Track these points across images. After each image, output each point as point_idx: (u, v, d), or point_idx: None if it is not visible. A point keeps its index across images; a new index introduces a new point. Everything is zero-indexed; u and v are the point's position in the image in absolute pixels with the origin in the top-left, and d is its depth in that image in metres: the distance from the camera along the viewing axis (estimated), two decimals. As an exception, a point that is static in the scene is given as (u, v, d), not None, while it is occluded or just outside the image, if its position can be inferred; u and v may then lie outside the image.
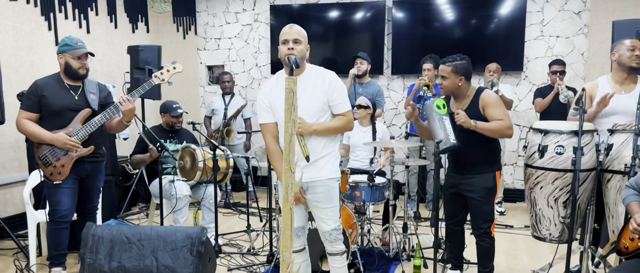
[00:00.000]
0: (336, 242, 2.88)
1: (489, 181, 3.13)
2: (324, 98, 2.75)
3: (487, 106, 3.04)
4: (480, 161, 3.13)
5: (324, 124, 2.78)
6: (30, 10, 4.83)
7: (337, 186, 2.85)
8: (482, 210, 3.15)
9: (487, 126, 3.00)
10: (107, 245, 3.24)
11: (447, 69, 3.10)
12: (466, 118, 2.98)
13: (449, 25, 6.06)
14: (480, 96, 3.09)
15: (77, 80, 3.35)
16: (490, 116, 3.03)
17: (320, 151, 2.79)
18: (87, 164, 3.39)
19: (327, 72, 2.82)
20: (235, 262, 3.91)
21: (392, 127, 6.38)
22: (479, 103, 3.07)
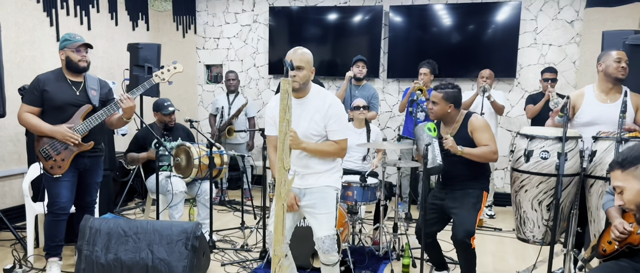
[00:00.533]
0: (330, 252, 2.87)
1: (474, 197, 3.23)
2: (322, 123, 2.82)
3: (475, 130, 3.20)
4: (468, 179, 3.25)
5: (315, 144, 2.84)
6: (33, 6, 4.91)
7: (334, 195, 2.88)
8: (464, 221, 3.15)
9: (472, 152, 3.14)
10: (104, 237, 3.33)
11: (438, 96, 3.25)
12: (453, 143, 3.14)
13: (445, 31, 6.16)
14: (469, 120, 3.24)
15: (78, 74, 3.43)
16: (478, 140, 3.18)
17: (319, 167, 2.89)
18: (86, 158, 3.47)
19: (329, 97, 2.87)
20: (229, 258, 4.01)
21: (386, 130, 6.49)
22: (467, 126, 3.22)
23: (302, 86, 2.79)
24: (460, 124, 3.27)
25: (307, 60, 2.80)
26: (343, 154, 2.93)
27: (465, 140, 3.18)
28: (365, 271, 3.76)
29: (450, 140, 3.14)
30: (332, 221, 2.87)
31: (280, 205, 2.43)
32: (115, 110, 3.41)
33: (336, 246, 2.90)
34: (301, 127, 2.84)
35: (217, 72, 7.21)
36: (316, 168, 2.90)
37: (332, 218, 2.88)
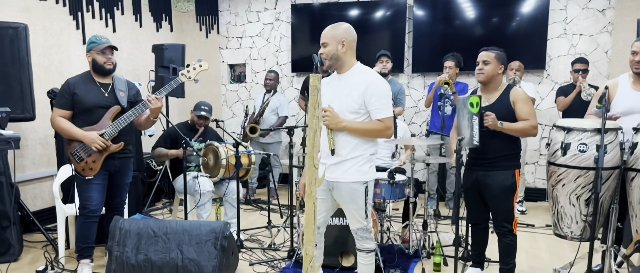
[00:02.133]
0: (363, 240, 2.90)
1: (508, 179, 3.15)
2: (360, 100, 2.73)
3: (517, 101, 3.11)
4: (501, 157, 3.15)
5: (356, 123, 2.75)
6: (59, 9, 4.96)
7: (362, 189, 2.79)
8: (502, 209, 3.19)
9: (513, 126, 3.05)
10: (134, 238, 3.34)
11: (491, 55, 3.15)
12: (495, 120, 3.03)
13: (470, 24, 6.04)
14: (511, 90, 3.16)
15: (105, 76, 3.44)
16: (519, 112, 3.08)
17: (348, 153, 2.77)
18: (116, 160, 3.48)
19: (371, 75, 2.79)
20: (257, 257, 3.98)
21: (412, 125, 6.39)
22: (509, 96, 3.13)
23: (333, 62, 2.78)
24: (501, 93, 3.17)
25: (332, 35, 2.76)
26: (389, 133, 2.79)
27: (505, 109, 3.09)
28: (395, 270, 3.69)
29: (491, 117, 3.03)
30: (360, 215, 2.83)
31: (311, 204, 2.38)
32: (143, 110, 3.41)
33: (371, 235, 2.90)
34: (335, 105, 2.78)
35: (240, 72, 7.20)
36: (348, 153, 2.76)
37: (360, 213, 2.83)
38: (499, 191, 3.16)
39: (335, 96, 2.80)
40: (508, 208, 3.19)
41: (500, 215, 3.21)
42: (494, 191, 3.17)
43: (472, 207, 3.40)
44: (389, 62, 5.26)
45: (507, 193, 3.16)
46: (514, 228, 3.23)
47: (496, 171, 3.16)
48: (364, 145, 2.78)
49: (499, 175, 3.16)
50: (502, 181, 3.15)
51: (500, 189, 3.15)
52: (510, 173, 3.17)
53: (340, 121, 2.72)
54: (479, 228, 3.45)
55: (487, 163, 3.18)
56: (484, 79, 3.18)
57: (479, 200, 3.33)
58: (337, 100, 2.79)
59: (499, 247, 3.29)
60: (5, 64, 3.80)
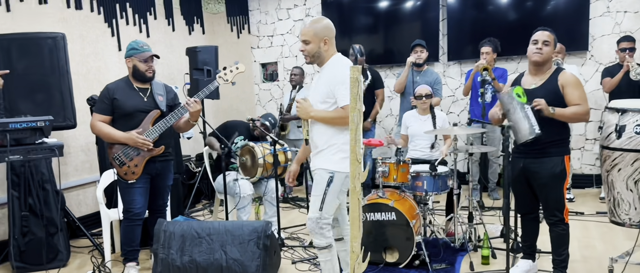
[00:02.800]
0: (312, 232, 2.87)
1: (558, 166, 3.02)
2: (326, 89, 2.78)
3: (567, 85, 2.96)
4: (549, 144, 3.01)
5: (322, 112, 2.80)
6: (95, 17, 5.04)
7: (326, 178, 2.78)
8: (552, 197, 3.05)
9: (565, 112, 2.91)
10: (178, 240, 3.35)
11: (552, 36, 3.05)
12: (545, 105, 2.89)
13: (505, 7, 5.85)
14: (560, 73, 3.01)
15: (144, 82, 3.46)
16: (569, 98, 2.94)
17: (323, 143, 2.82)
18: (157, 163, 3.50)
19: (340, 65, 2.80)
20: (299, 255, 3.95)
21: (450, 115, 6.24)
22: (557, 80, 2.99)
23: (314, 59, 2.82)
24: (549, 76, 3.04)
25: (314, 33, 2.76)
26: (347, 122, 2.74)
27: (552, 93, 2.95)
28: (442, 264, 3.59)
29: (542, 103, 2.88)
30: (316, 204, 2.81)
31: (356, 199, 2.32)
32: (183, 114, 3.42)
33: (322, 230, 2.83)
34: (311, 96, 2.90)
35: (272, 70, 7.19)
36: (317, 143, 2.85)
37: (316, 201, 2.81)
38: (549, 179, 3.02)
39: (313, 87, 2.93)
40: (558, 197, 3.05)
41: (550, 204, 3.07)
42: (543, 180, 3.04)
43: (521, 197, 3.27)
44: (423, 52, 5.15)
45: (557, 181, 3.03)
46: (566, 217, 3.09)
47: (545, 158, 3.03)
48: (339, 135, 2.80)
49: (548, 162, 3.02)
50: (551, 168, 3.01)
51: (550, 177, 3.02)
52: (560, 159, 3.03)
53: (309, 111, 2.81)
54: (529, 218, 3.32)
55: (535, 150, 3.04)
56: (541, 60, 3.03)
57: (527, 189, 3.20)
58: (313, 91, 2.91)
59: (550, 237, 3.16)
60: (45, 73, 3.87)
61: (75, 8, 4.81)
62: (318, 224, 2.83)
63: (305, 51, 2.80)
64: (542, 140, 2.99)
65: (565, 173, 3.04)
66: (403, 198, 3.74)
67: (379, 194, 3.68)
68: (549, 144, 3.01)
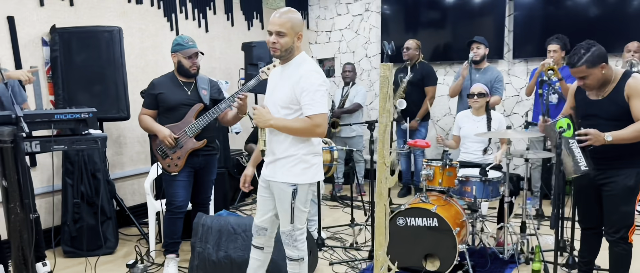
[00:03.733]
0: (287, 246, 2.68)
1: (631, 178, 2.73)
2: (291, 94, 2.50)
3: (633, 96, 2.64)
4: (623, 156, 2.73)
5: (283, 121, 2.53)
6: (154, 11, 5.19)
7: (289, 191, 2.56)
8: (620, 211, 2.76)
9: (624, 135, 2.61)
10: (215, 234, 3.37)
11: (581, 69, 2.70)
12: (596, 137, 2.61)
13: (581, 2, 5.41)
14: (628, 81, 2.68)
15: (189, 78, 3.51)
16: (635, 110, 2.62)
17: (282, 152, 2.57)
18: (200, 157, 3.54)
19: (306, 67, 2.52)
20: (338, 257, 3.86)
21: (513, 115, 5.90)
22: (624, 89, 2.67)
23: (286, 53, 2.52)
24: (615, 86, 2.71)
25: (291, 26, 2.47)
26: (319, 132, 2.50)
27: (617, 106, 2.66)
28: (488, 275, 3.38)
29: (591, 136, 2.62)
30: (286, 218, 2.61)
31: (382, 205, 2.20)
32: (227, 107, 3.43)
33: (296, 243, 2.65)
34: (271, 99, 2.63)
35: (329, 66, 7.12)
36: (281, 152, 2.57)
37: (286, 216, 2.61)
38: (619, 191, 2.74)
39: (274, 88, 2.63)
40: (627, 211, 2.76)
41: (615, 218, 2.78)
42: (613, 191, 2.76)
43: (585, 209, 3.00)
44: (480, 48, 4.90)
45: (628, 193, 2.74)
46: (630, 235, 2.79)
47: (618, 170, 2.75)
48: (300, 144, 2.55)
49: (620, 174, 2.74)
50: (623, 180, 2.73)
51: (621, 188, 2.74)
52: (635, 171, 2.73)
53: (268, 119, 2.54)
54: (592, 233, 3.04)
55: (606, 162, 2.76)
56: (592, 89, 2.77)
57: (593, 201, 2.93)
58: (274, 93, 2.62)
59: (609, 256, 2.87)
60: (102, 65, 4.03)
61: (136, 2, 4.97)
62: (292, 237, 2.65)
63: (277, 43, 2.47)
64: (614, 153, 2.72)
65: (638, 186, 2.75)
66: (448, 204, 3.55)
67: (421, 198, 3.52)
68: (621, 156, 2.73)
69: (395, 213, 3.41)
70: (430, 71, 5.45)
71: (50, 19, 4.21)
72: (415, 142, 3.82)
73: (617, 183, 2.74)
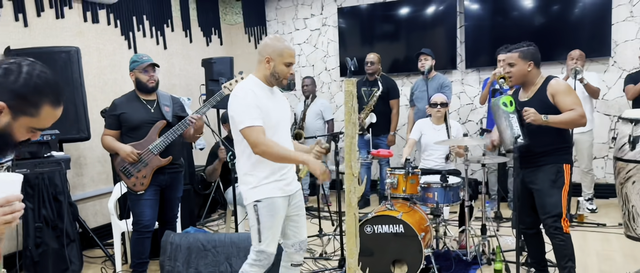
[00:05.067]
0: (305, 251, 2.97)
1: (552, 173, 2.95)
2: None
3: (556, 94, 2.90)
4: (546, 153, 2.96)
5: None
6: (111, 30, 5.14)
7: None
8: (547, 202, 2.95)
9: (559, 118, 2.84)
10: (184, 252, 3.37)
11: (514, 56, 3.01)
12: (536, 114, 2.83)
13: (528, 13, 5.71)
14: (550, 82, 2.95)
15: (149, 94, 3.51)
16: (561, 105, 2.87)
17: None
18: (166, 174, 3.53)
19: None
20: (308, 267, 3.91)
21: (468, 123, 6.13)
22: (546, 90, 2.93)
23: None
24: (538, 88, 2.98)
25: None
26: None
27: (544, 105, 2.89)
28: (453, 277, 3.51)
29: (531, 112, 2.83)
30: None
31: (352, 214, 2.28)
32: (189, 125, 3.46)
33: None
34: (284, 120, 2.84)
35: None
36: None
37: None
38: (543, 184, 2.96)
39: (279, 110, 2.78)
40: (555, 202, 2.94)
41: (545, 210, 2.97)
42: (537, 185, 2.98)
43: (521, 211, 3.18)
44: (427, 60, 5.14)
45: (551, 186, 2.94)
46: (564, 225, 2.95)
47: (540, 167, 2.98)
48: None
49: (543, 170, 2.97)
50: (545, 175, 2.96)
51: (544, 182, 2.95)
52: (556, 167, 2.96)
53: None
54: (532, 233, 3.22)
55: (533, 159, 2.99)
56: (514, 82, 3.05)
57: (527, 202, 3.12)
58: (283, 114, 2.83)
59: (553, 249, 3.04)
60: (60, 87, 3.95)
61: (92, 22, 4.91)
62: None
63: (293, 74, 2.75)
64: (536, 150, 2.95)
65: (562, 180, 2.95)
66: (413, 210, 3.67)
67: (387, 206, 3.63)
68: (542, 154, 2.96)
69: (363, 222, 3.50)
70: (393, 84, 5.62)
71: (4, 40, 4.11)
72: (379, 152, 3.93)
73: (540, 178, 2.97)
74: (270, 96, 2.70)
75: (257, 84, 2.68)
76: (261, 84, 2.68)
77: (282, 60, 2.63)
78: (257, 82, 2.68)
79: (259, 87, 2.66)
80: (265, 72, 2.66)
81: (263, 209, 2.64)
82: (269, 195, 2.64)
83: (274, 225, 2.68)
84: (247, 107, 2.55)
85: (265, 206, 2.64)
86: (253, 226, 2.68)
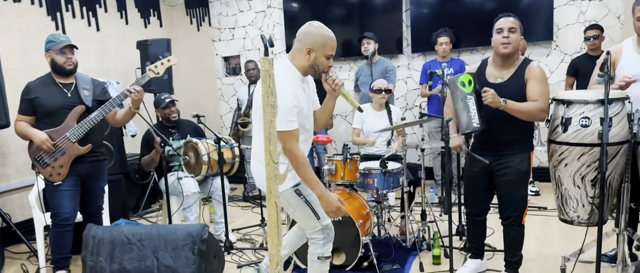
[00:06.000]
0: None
1: (524, 163, 2.86)
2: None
3: (532, 79, 2.75)
4: (515, 141, 2.86)
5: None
6: (36, 10, 4.78)
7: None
8: (515, 195, 2.89)
9: (517, 107, 2.70)
10: (107, 246, 3.14)
11: (517, 22, 2.78)
12: (494, 96, 2.68)
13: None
14: (530, 65, 2.79)
15: (66, 76, 3.25)
16: (530, 91, 2.74)
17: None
18: (87, 163, 3.29)
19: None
20: (247, 259, 3.76)
21: (415, 109, 6.08)
22: (524, 73, 2.78)
23: None
24: (517, 68, 2.81)
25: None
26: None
27: (518, 89, 2.75)
28: (392, 265, 3.43)
29: (490, 94, 2.67)
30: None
31: (273, 203, 2.13)
32: (115, 107, 3.21)
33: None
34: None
35: (235, 64, 6.97)
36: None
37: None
38: (514, 175, 2.85)
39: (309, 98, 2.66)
40: (522, 195, 2.90)
41: (512, 203, 2.90)
42: (507, 176, 2.87)
43: (476, 197, 3.10)
44: (370, 44, 5.02)
45: (522, 177, 2.87)
46: (523, 217, 2.93)
47: (511, 156, 2.86)
48: None
49: (515, 159, 2.86)
50: (517, 164, 2.85)
51: (515, 172, 2.85)
52: (526, 156, 2.87)
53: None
54: (479, 220, 3.16)
55: (499, 147, 2.88)
56: (511, 51, 2.78)
57: (484, 189, 3.04)
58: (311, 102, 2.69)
59: (504, 238, 3.01)
60: (-29, 70, 3.63)
61: (14, 0, 4.54)
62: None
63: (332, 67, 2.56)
64: (509, 137, 2.84)
65: (529, 171, 2.90)
66: (352, 197, 3.56)
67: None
68: (515, 141, 2.86)
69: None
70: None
71: None
72: (317, 138, 3.80)
73: (512, 168, 2.85)
74: (303, 86, 2.54)
75: (294, 74, 2.50)
76: (296, 74, 2.51)
77: (324, 52, 2.46)
78: (294, 72, 2.50)
79: (294, 78, 2.49)
80: (304, 62, 2.48)
81: (304, 189, 2.57)
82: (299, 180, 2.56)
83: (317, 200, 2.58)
84: (286, 110, 2.39)
85: (304, 187, 2.56)
86: (303, 210, 2.58)
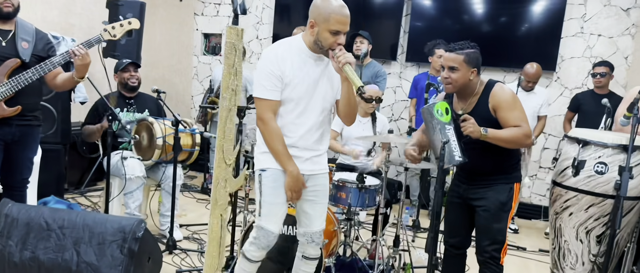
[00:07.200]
0: (319, 244, 2.54)
1: (504, 194, 2.47)
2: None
3: (499, 108, 2.37)
4: (495, 171, 2.48)
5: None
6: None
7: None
8: (492, 228, 2.49)
9: (500, 135, 2.33)
10: (21, 229, 2.64)
11: (458, 59, 2.39)
12: (475, 126, 2.31)
13: (479, 16, 5.29)
14: (491, 93, 2.41)
15: (3, 21, 2.73)
16: (505, 120, 2.36)
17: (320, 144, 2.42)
18: (14, 127, 2.78)
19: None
20: (189, 264, 3.27)
21: (400, 121, 5.68)
22: (488, 102, 2.40)
23: None
24: (478, 98, 2.44)
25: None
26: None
27: (485, 121, 2.37)
28: (354, 294, 3.00)
29: (470, 124, 2.31)
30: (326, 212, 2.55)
31: (218, 216, 1.68)
32: (55, 67, 2.73)
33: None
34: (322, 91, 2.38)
35: (215, 43, 6.46)
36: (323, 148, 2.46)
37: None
38: (491, 206, 2.48)
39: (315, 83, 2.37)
40: (500, 228, 2.50)
41: (487, 237, 2.51)
42: (485, 207, 2.49)
43: (452, 223, 2.71)
44: (363, 43, 4.56)
45: (500, 209, 2.48)
46: (502, 256, 2.53)
47: (490, 186, 2.49)
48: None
49: (493, 189, 2.48)
50: (495, 195, 2.47)
51: (493, 204, 2.47)
52: (507, 187, 2.49)
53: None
54: (456, 253, 2.76)
55: (478, 178, 2.49)
56: (454, 90, 2.46)
57: (462, 219, 2.64)
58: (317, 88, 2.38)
59: None
60: None
61: None
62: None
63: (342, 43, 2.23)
64: (489, 169, 2.46)
65: (510, 203, 2.49)
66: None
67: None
68: (495, 171, 2.48)
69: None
70: None
71: None
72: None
73: (489, 199, 2.49)
74: (308, 65, 2.27)
75: (299, 48, 2.26)
76: (304, 49, 2.26)
77: (327, 26, 2.17)
78: (299, 46, 2.27)
79: (298, 53, 2.26)
80: (309, 37, 2.24)
81: (267, 179, 2.27)
82: (277, 167, 2.26)
83: (277, 202, 2.31)
84: (263, 76, 2.16)
85: (269, 176, 2.27)
86: (256, 197, 2.33)
